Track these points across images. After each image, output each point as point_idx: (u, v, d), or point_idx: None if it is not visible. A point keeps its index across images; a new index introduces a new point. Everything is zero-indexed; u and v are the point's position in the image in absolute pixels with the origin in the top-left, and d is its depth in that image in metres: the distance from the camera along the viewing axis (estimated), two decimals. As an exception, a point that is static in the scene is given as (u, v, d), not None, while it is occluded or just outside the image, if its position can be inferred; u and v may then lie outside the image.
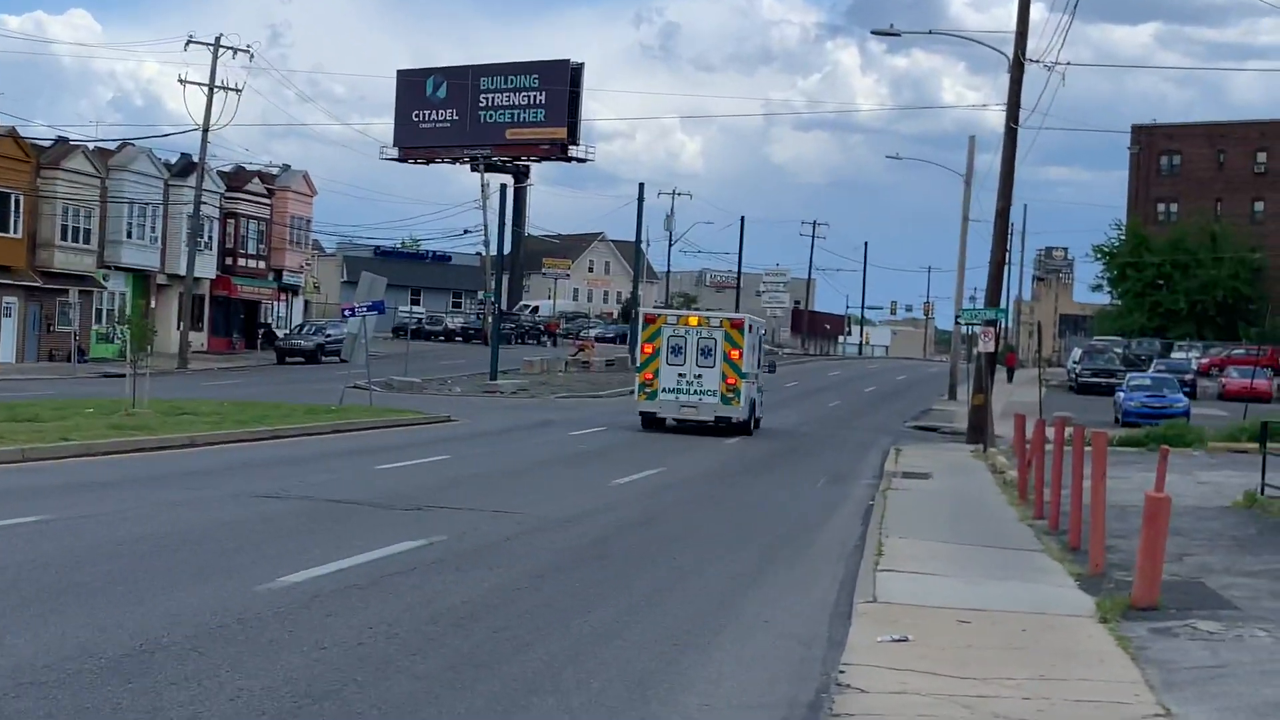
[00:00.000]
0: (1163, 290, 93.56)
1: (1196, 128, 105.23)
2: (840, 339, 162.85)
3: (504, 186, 68.18)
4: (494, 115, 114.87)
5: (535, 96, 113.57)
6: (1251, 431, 32.04)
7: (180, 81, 63.46)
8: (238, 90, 63.83)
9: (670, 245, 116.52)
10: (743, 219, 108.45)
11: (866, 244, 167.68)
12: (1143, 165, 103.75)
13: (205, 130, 63.49)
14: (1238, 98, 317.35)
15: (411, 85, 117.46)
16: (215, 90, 63.55)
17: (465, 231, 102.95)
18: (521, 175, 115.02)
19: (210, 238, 72.05)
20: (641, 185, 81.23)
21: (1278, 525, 18.21)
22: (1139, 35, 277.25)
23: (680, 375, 35.34)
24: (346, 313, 41.73)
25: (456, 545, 14.49)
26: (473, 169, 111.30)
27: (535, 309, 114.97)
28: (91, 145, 67.31)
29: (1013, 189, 38.39)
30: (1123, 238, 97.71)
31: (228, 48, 64.00)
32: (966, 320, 41.47)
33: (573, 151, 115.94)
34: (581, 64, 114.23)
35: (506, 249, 72.32)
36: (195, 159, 66.58)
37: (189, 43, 63.89)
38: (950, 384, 62.54)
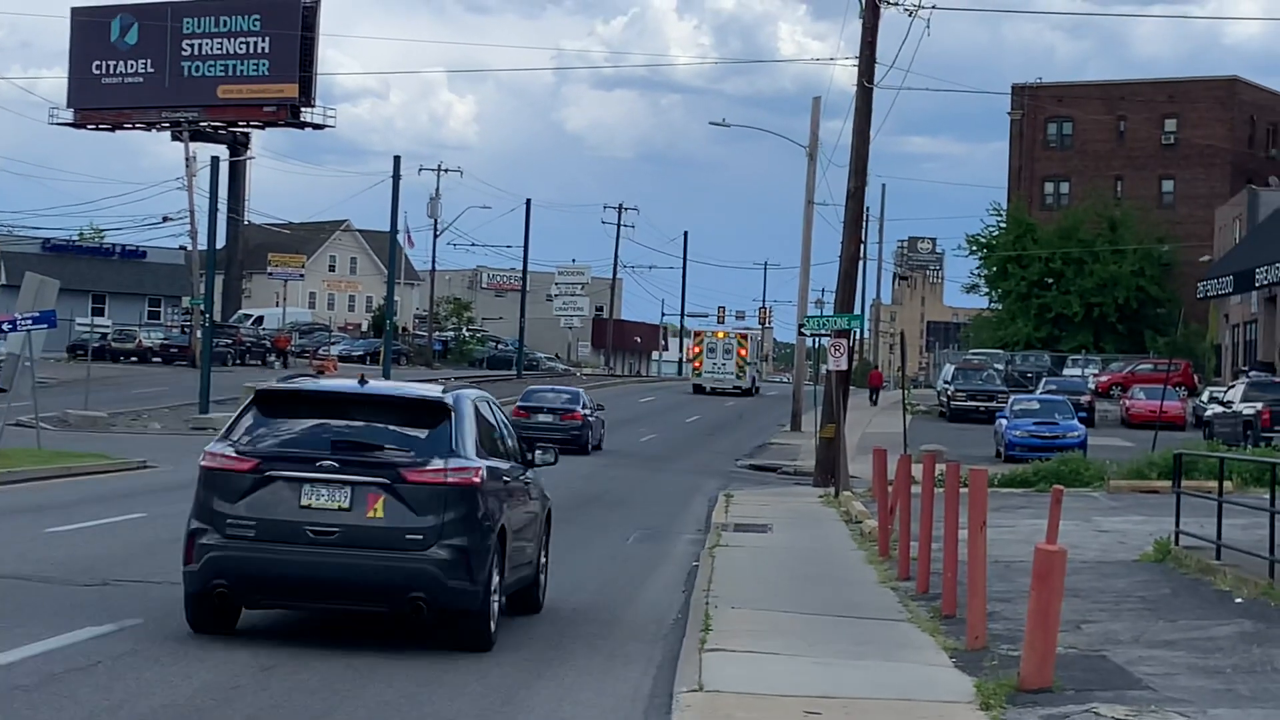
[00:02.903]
0: (1052, 291, 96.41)
1: (1091, 88, 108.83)
2: (654, 355, 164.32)
3: (216, 160, 67.12)
4: (202, 67, 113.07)
5: (256, 43, 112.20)
6: (1162, 466, 33.11)
7: None
8: None
9: (435, 236, 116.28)
10: (529, 202, 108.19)
11: (686, 234, 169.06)
12: (1026, 135, 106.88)
13: None
14: (1141, 52, 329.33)
15: (91, 27, 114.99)
16: None
17: (165, 219, 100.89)
18: (239, 146, 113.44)
19: None
20: (397, 159, 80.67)
21: (1195, 583, 18.81)
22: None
23: (714, 364, 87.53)
24: (5, 326, 40.65)
25: (156, 630, 14.20)
26: (174, 137, 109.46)
27: (259, 320, 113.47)
28: None
29: (868, 164, 39.24)
30: (1003, 226, 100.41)
31: None
32: (812, 330, 42.10)
33: (306, 115, 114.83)
34: (317, 1, 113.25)
35: (220, 242, 71.12)
36: None
37: None
38: (793, 411, 63.49)
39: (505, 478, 15.00)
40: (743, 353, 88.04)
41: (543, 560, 16.81)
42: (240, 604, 14.23)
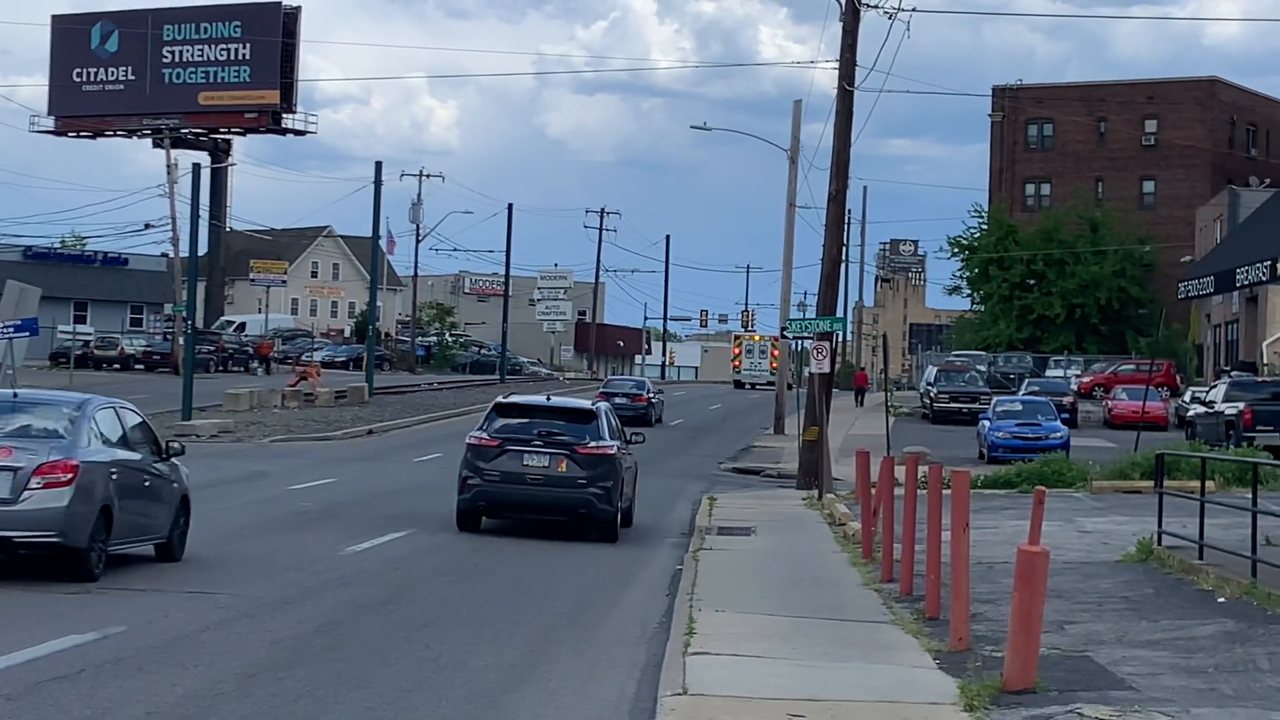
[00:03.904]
0: (1034, 293, 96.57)
1: (1071, 89, 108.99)
2: (637, 359, 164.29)
3: (197, 166, 67.01)
4: (183, 74, 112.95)
5: (237, 50, 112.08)
6: (1145, 467, 33.18)
7: None
8: None
9: (418, 241, 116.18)
10: (510, 207, 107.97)
11: (669, 238, 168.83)
12: (1006, 136, 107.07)
13: None
14: (1121, 52, 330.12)
15: (72, 35, 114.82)
16: None
17: (147, 226, 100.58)
18: (221, 152, 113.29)
19: None
20: (379, 164, 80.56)
21: (1178, 583, 18.85)
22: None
23: (751, 363, 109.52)
24: (-13, 334, 40.54)
25: (139, 638, 14.19)
26: (156, 144, 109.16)
27: (242, 326, 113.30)
28: None
29: (849, 167, 39.27)
30: (984, 227, 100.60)
31: None
32: (795, 333, 41.99)
33: (288, 121, 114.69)
34: (298, 7, 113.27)
35: (202, 248, 71.02)
36: None
37: None
38: (776, 414, 63.48)
39: (622, 450, 25.84)
40: (775, 354, 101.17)
41: (633, 497, 27.18)
42: (488, 515, 25.44)
